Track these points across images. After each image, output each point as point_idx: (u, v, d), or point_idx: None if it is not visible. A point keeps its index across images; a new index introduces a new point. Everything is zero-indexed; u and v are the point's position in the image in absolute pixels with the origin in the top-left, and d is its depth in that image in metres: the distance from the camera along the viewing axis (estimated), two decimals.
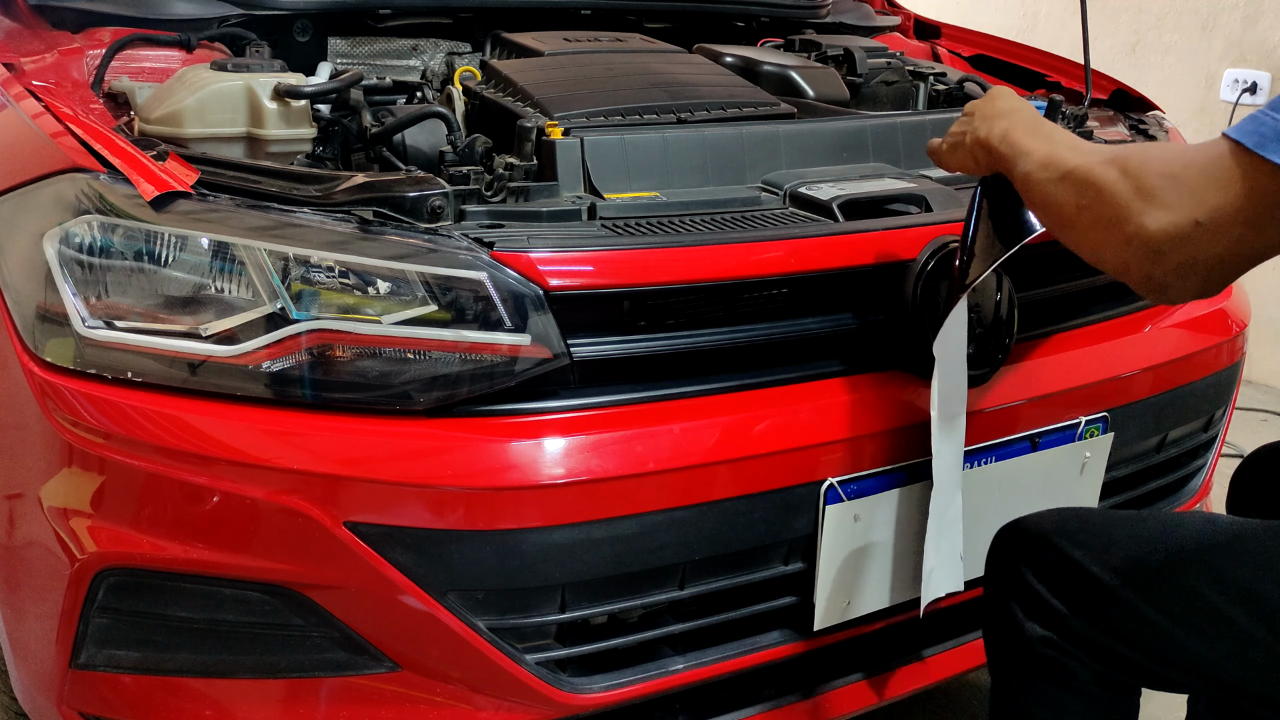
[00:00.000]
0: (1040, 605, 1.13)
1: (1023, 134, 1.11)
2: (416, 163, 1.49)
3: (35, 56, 1.59)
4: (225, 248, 1.14)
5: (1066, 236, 1.02)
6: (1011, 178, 1.11)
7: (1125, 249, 0.93)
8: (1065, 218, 1.01)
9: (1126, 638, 1.08)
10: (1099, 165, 0.96)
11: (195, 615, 1.15)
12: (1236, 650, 1.02)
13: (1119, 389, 1.51)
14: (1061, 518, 1.17)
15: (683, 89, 1.61)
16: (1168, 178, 0.90)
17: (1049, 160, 1.04)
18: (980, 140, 1.17)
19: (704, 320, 1.26)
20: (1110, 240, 0.95)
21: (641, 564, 1.20)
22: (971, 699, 1.91)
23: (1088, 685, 1.12)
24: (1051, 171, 1.03)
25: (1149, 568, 1.06)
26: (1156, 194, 0.90)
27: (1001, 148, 1.12)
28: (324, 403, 1.13)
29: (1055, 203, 1.02)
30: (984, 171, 1.21)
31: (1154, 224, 0.90)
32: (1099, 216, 0.96)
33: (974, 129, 1.18)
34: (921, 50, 2.36)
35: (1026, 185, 1.07)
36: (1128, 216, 0.92)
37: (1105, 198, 0.95)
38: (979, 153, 1.18)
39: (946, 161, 1.26)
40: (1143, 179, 0.92)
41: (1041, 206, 1.06)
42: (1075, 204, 0.99)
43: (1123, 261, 0.94)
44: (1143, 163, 0.93)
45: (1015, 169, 1.09)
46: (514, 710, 1.20)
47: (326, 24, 1.91)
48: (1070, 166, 1.00)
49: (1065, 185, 1.00)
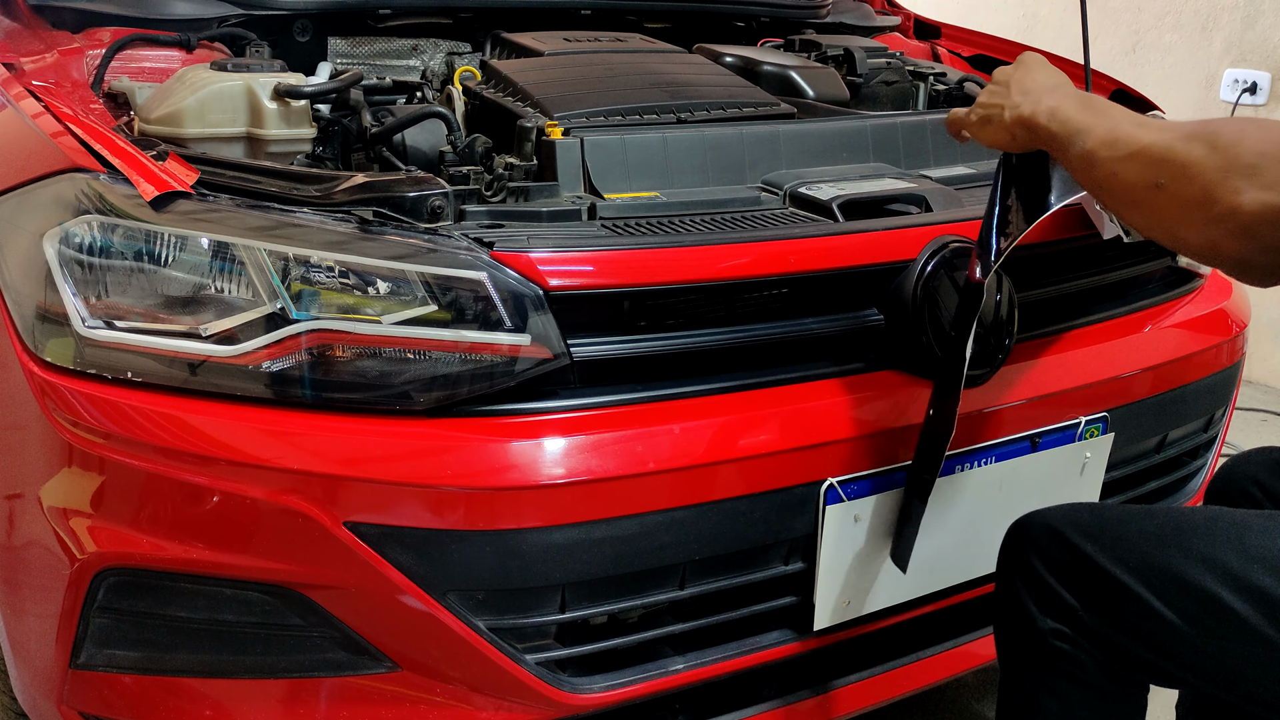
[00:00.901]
0: (1052, 598, 1.13)
1: (1076, 110, 1.06)
2: (416, 163, 1.49)
3: (35, 56, 1.59)
4: (225, 248, 1.14)
5: (1135, 216, 0.99)
6: (1063, 157, 1.07)
7: (1213, 227, 0.90)
8: (1135, 197, 0.97)
9: (1137, 633, 1.07)
10: (1179, 141, 0.93)
11: (195, 615, 1.15)
12: (1250, 653, 1.01)
13: (1119, 389, 1.51)
14: (1075, 511, 1.17)
15: (683, 89, 1.61)
16: (1267, 156, 0.87)
17: (1113, 137, 1.00)
18: (1023, 118, 1.11)
19: (704, 320, 1.26)
20: (1194, 219, 0.91)
21: (641, 564, 1.20)
22: (971, 699, 1.91)
23: (1097, 679, 1.13)
24: (1119, 149, 0.99)
25: (1161, 564, 1.06)
26: (1256, 173, 0.87)
27: (1052, 125, 1.07)
28: (324, 403, 1.13)
29: (1124, 182, 0.98)
30: (1021, 149, 1.16)
31: (1252, 203, 0.87)
32: (1180, 195, 0.92)
33: (1014, 104, 1.13)
34: (921, 50, 2.36)
35: (1089, 164, 1.02)
36: (1218, 195, 0.88)
37: (1191, 175, 0.91)
38: (1019, 130, 1.13)
39: (977, 134, 1.20)
40: (1238, 156, 0.88)
41: (1105, 186, 1.01)
42: (1151, 182, 0.95)
43: (1209, 241, 0.91)
44: (1236, 139, 0.89)
45: (1071, 148, 1.05)
46: (514, 710, 1.20)
47: (326, 24, 1.91)
48: (1144, 143, 0.96)
49: (1137, 163, 0.97)
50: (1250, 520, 1.07)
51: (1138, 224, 1.00)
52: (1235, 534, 1.05)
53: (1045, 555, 1.14)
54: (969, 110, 1.21)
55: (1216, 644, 1.03)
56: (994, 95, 1.18)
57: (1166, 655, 1.07)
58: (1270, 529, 1.05)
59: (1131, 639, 1.08)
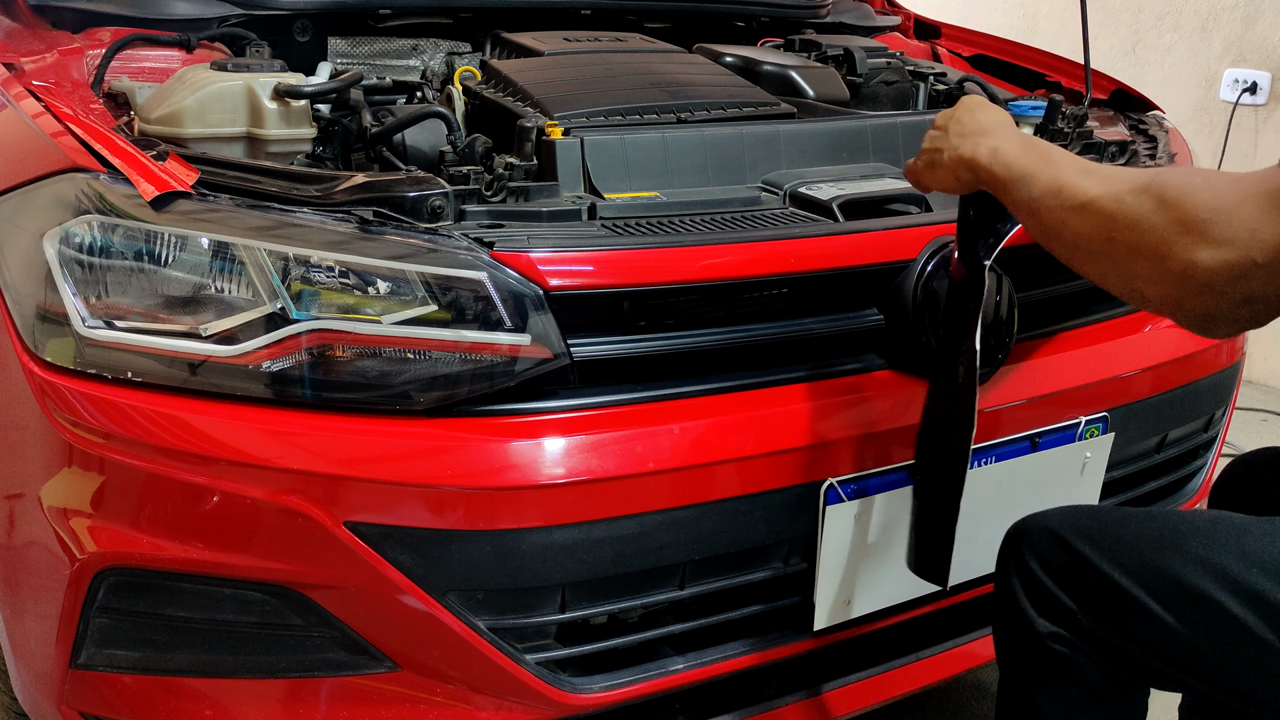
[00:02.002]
0: (1050, 601, 1.13)
1: (1018, 153, 1.03)
2: (416, 163, 1.49)
3: (35, 56, 1.59)
4: (225, 248, 1.14)
5: (1088, 267, 0.96)
6: (1008, 200, 1.05)
7: (1172, 284, 0.87)
8: (1087, 249, 0.94)
9: (1136, 637, 1.07)
10: (1128, 195, 0.90)
11: (195, 615, 1.15)
12: (1246, 656, 1.01)
13: (1119, 389, 1.51)
14: (1073, 514, 1.16)
15: (683, 89, 1.61)
16: (1218, 211, 0.84)
17: (1058, 185, 0.97)
18: (963, 159, 1.09)
19: (704, 320, 1.26)
20: (1151, 274, 0.88)
21: (641, 564, 1.20)
22: (971, 699, 1.91)
23: (1096, 682, 1.12)
24: (1066, 199, 0.95)
25: (1160, 568, 1.06)
26: (1208, 229, 0.84)
27: (994, 167, 1.05)
28: (324, 402, 1.13)
29: (1074, 233, 0.95)
30: (967, 190, 1.14)
31: (1209, 260, 0.84)
32: (1134, 250, 0.89)
33: (953, 146, 1.12)
34: (921, 50, 2.36)
35: (1034, 211, 1.00)
36: (1172, 252, 0.86)
37: (1143, 230, 0.88)
38: (961, 172, 1.11)
39: (925, 181, 1.19)
40: (1187, 211, 0.85)
41: (1054, 235, 0.98)
42: (1103, 235, 0.92)
43: (1168, 296, 0.88)
44: (1182, 193, 0.86)
45: (1014, 192, 1.02)
46: (514, 710, 1.20)
47: (326, 24, 1.91)
48: (1092, 195, 0.93)
49: (1086, 216, 0.93)
50: (1249, 524, 1.07)
51: (1091, 275, 0.96)
52: (1234, 538, 1.05)
53: (1043, 558, 1.14)
54: (917, 158, 1.20)
55: (1215, 647, 1.03)
56: (934, 140, 1.16)
57: (1165, 658, 1.07)
58: (1269, 533, 1.04)
59: (1130, 642, 1.08)
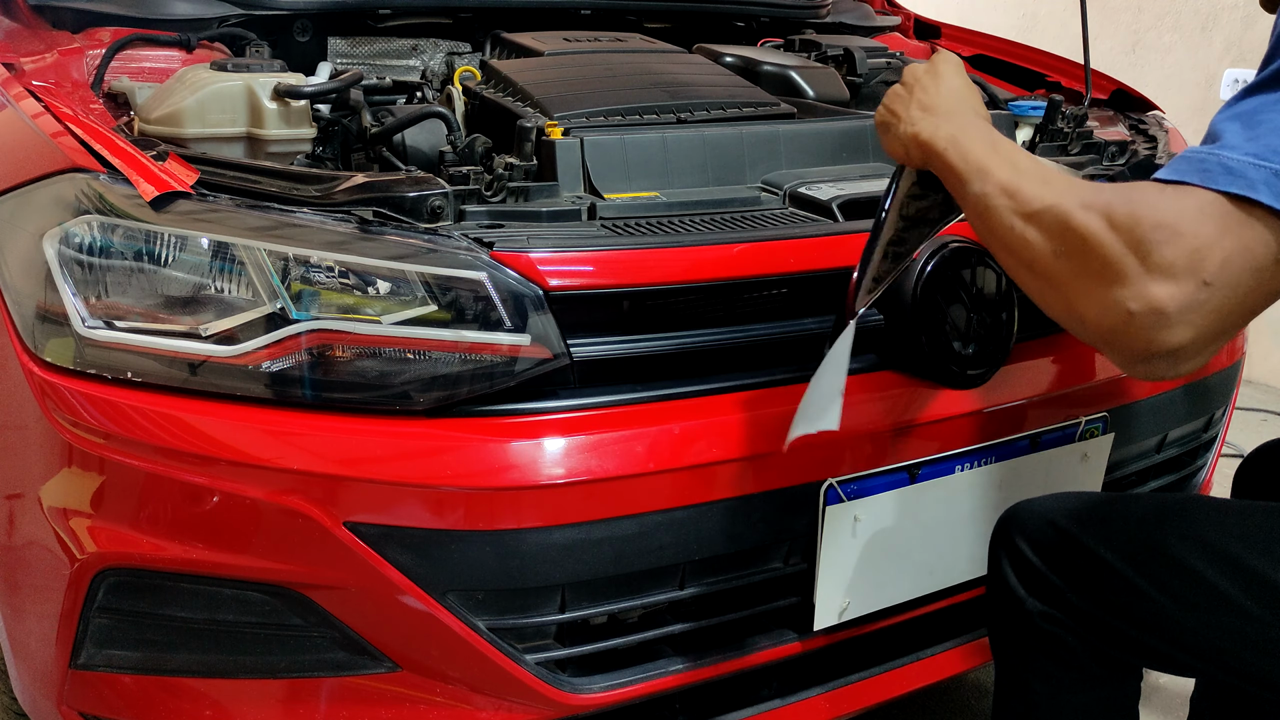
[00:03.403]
0: (1041, 581, 1.14)
1: (977, 145, 0.97)
2: (416, 163, 1.49)
3: (35, 56, 1.59)
4: (225, 248, 1.14)
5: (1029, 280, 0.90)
6: (957, 192, 0.99)
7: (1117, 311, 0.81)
8: (1032, 261, 0.88)
9: (1125, 614, 1.09)
10: (1079, 211, 0.84)
11: (195, 615, 1.15)
12: (1233, 627, 1.03)
13: (1119, 389, 1.51)
14: (1062, 498, 1.19)
15: (683, 89, 1.61)
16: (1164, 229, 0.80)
17: (1015, 188, 0.90)
18: (920, 139, 1.03)
19: (704, 320, 1.26)
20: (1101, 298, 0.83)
21: (641, 564, 1.20)
22: (971, 698, 1.91)
23: (1086, 662, 1.14)
24: (1017, 204, 0.89)
25: (1146, 544, 1.08)
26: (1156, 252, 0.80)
27: (949, 155, 0.99)
28: (324, 403, 1.13)
29: (1020, 240, 0.89)
30: (914, 166, 1.08)
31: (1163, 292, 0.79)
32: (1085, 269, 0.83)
33: (911, 120, 1.05)
34: (921, 50, 2.36)
35: (984, 209, 0.93)
36: (1125, 278, 0.81)
37: (1092, 251, 0.83)
38: (914, 149, 1.05)
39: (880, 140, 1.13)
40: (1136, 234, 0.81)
41: (999, 239, 0.92)
42: (1049, 249, 0.86)
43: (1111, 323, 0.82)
44: (1131, 213, 0.82)
45: (967, 185, 0.96)
46: (514, 710, 1.20)
47: (326, 24, 1.91)
48: (1043, 205, 0.87)
49: (1036, 225, 0.87)
50: (1233, 504, 1.10)
51: (1030, 289, 0.90)
52: (1217, 514, 1.07)
53: (1032, 539, 1.16)
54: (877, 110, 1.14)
55: (1199, 619, 1.04)
56: (896, 100, 1.10)
57: (1152, 632, 1.08)
58: (1250, 509, 1.07)
59: (1118, 618, 1.09)
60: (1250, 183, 0.80)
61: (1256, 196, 0.79)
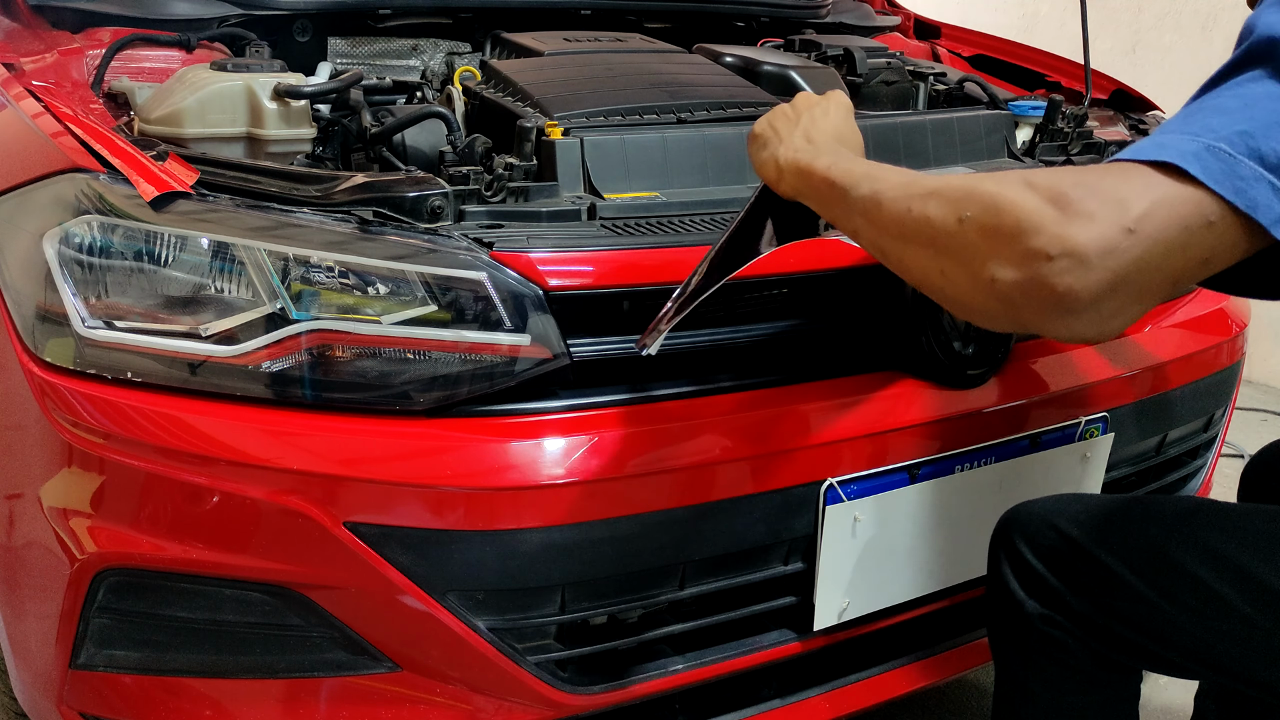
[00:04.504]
0: (1041, 584, 1.14)
1: (859, 163, 0.96)
2: (416, 163, 1.49)
3: (35, 56, 1.59)
4: (225, 248, 1.14)
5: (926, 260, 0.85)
6: (839, 204, 0.95)
7: (1033, 261, 0.77)
8: (933, 236, 0.84)
9: (1124, 617, 1.09)
10: (986, 181, 0.82)
11: (195, 615, 1.15)
12: (1232, 632, 1.03)
13: (1119, 389, 1.51)
14: (1061, 501, 1.19)
15: (683, 89, 1.61)
16: (1085, 186, 0.77)
17: (910, 179, 0.89)
18: (798, 165, 1.01)
19: (703, 320, 1.26)
20: (1013, 251, 0.78)
21: (641, 564, 1.20)
22: (971, 698, 1.91)
23: (1085, 664, 1.14)
24: (913, 190, 0.87)
25: (1147, 547, 1.08)
26: (1077, 202, 0.76)
27: (832, 173, 0.97)
28: (324, 403, 1.13)
29: (919, 220, 0.85)
30: (782, 189, 1.06)
31: (1082, 235, 0.75)
32: (996, 228, 0.79)
33: (793, 147, 1.04)
34: (921, 50, 2.36)
35: (870, 206, 0.90)
36: (1041, 227, 0.76)
37: (1004, 209, 0.79)
38: (789, 175, 1.03)
39: (750, 156, 1.11)
40: (1056, 190, 0.77)
41: (893, 228, 0.88)
42: (953, 217, 0.82)
43: (1030, 274, 0.77)
44: (1048, 176, 0.79)
45: (854, 190, 0.93)
46: (514, 710, 1.20)
47: (326, 24, 1.91)
48: (943, 183, 0.85)
49: (937, 200, 0.84)
50: (1235, 508, 1.09)
51: (928, 271, 0.85)
52: (1219, 518, 1.07)
53: (1032, 541, 1.16)
54: (755, 125, 1.12)
55: (1197, 622, 1.04)
56: (781, 120, 1.09)
57: (1151, 636, 1.08)
58: (1251, 513, 1.07)
59: (1116, 621, 1.09)
60: (1181, 154, 0.77)
61: (1185, 166, 0.77)
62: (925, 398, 1.33)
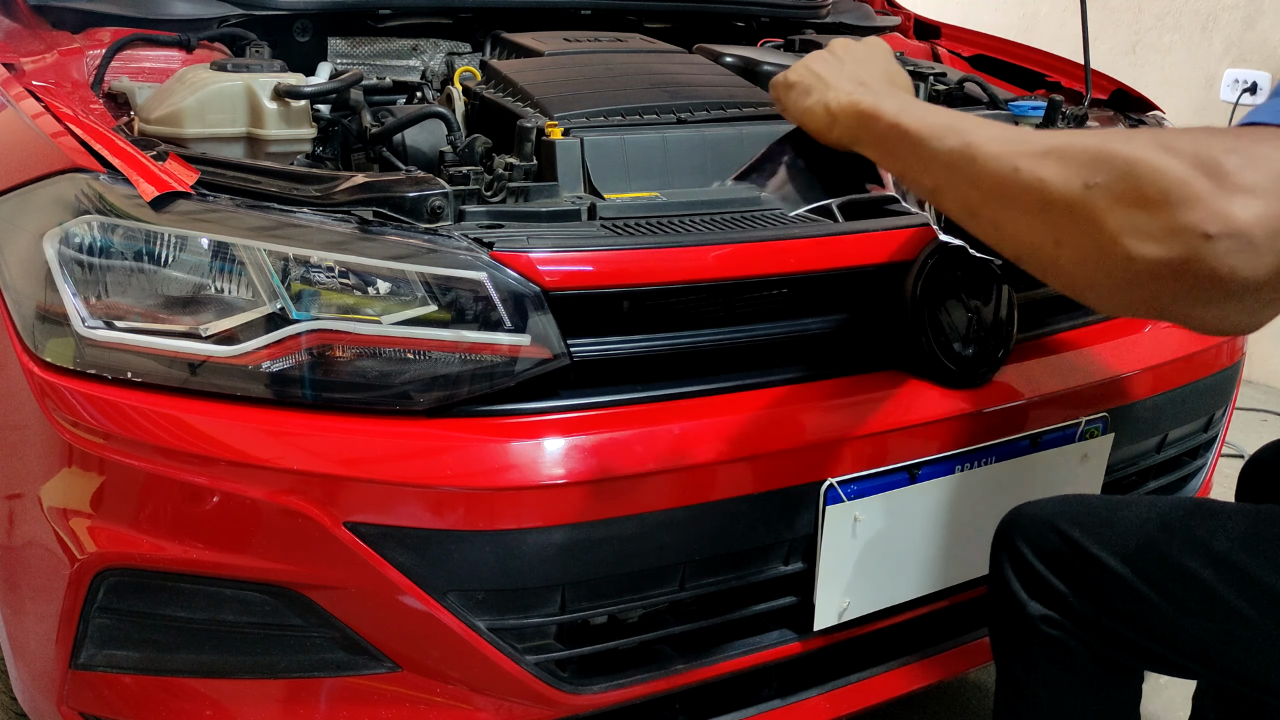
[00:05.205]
0: (1043, 586, 1.14)
1: (934, 111, 0.86)
2: (416, 163, 1.49)
3: (35, 56, 1.59)
4: (225, 248, 1.14)
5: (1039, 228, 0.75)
6: (912, 157, 0.86)
7: (1186, 239, 0.67)
8: (1048, 202, 0.74)
9: (1127, 618, 1.09)
10: (1116, 142, 0.72)
11: (195, 616, 1.15)
12: (1234, 633, 1.03)
13: (1119, 389, 1.51)
14: (1063, 502, 1.18)
15: (683, 89, 1.61)
16: (1240, 153, 0.68)
17: (1007, 135, 0.78)
18: (859, 107, 0.91)
19: (704, 320, 1.26)
20: (1160, 225, 0.68)
21: (641, 564, 1.20)
22: (971, 699, 1.91)
23: (1088, 666, 1.14)
24: (1020, 146, 0.76)
25: (1148, 548, 1.07)
26: (1236, 173, 0.67)
27: (904, 119, 0.86)
28: (324, 403, 1.13)
29: (1029, 182, 0.75)
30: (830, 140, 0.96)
31: (1247, 212, 0.66)
32: (1134, 197, 0.69)
33: (845, 90, 0.94)
34: (921, 50, 2.36)
35: (962, 161, 0.80)
36: (1196, 199, 0.67)
37: (1145, 175, 0.69)
38: (846, 119, 0.93)
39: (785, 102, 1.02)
40: (1205, 155, 0.68)
41: (992, 188, 0.78)
42: (1078, 182, 0.72)
43: (1180, 254, 0.67)
44: (1191, 140, 0.69)
45: (932, 144, 0.83)
46: (514, 710, 1.20)
47: (326, 24, 1.90)
48: (1061, 141, 0.75)
49: (1054, 160, 0.74)
50: (1236, 508, 1.09)
51: (1039, 241, 0.75)
52: (1220, 519, 1.07)
53: (1034, 543, 1.16)
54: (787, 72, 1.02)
55: (1198, 623, 1.04)
56: (821, 64, 0.99)
57: (1153, 637, 1.08)
58: (1253, 514, 1.06)
59: (1118, 622, 1.09)
60: None
61: None
62: (925, 398, 1.33)
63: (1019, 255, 0.78)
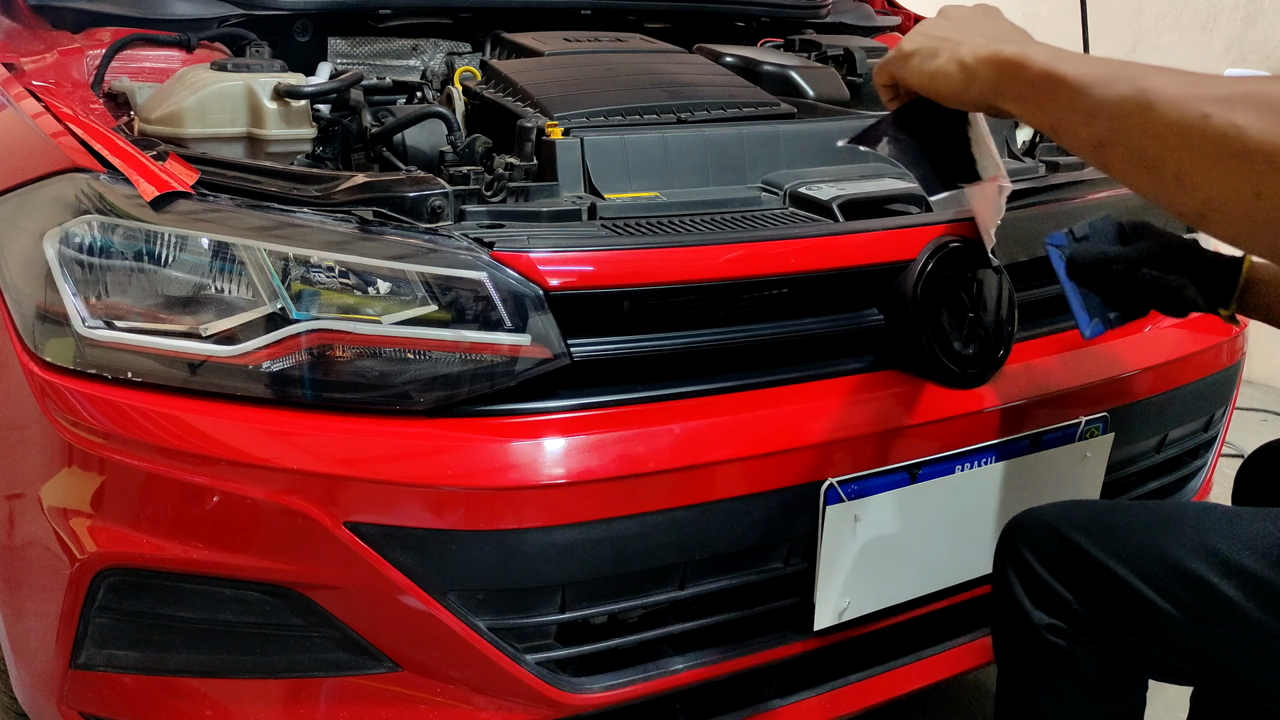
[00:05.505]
0: (1047, 593, 1.13)
1: (1088, 58, 0.80)
2: (416, 163, 1.49)
3: (35, 56, 1.59)
4: (225, 248, 1.14)
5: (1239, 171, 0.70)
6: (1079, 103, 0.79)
7: None
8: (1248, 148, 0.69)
9: (1132, 625, 1.08)
10: None
11: (195, 615, 1.15)
12: (1242, 638, 1.02)
13: (1119, 389, 1.50)
14: (1067, 508, 1.18)
15: (683, 89, 1.61)
16: None
17: (1194, 79, 0.73)
18: (1001, 57, 0.85)
19: (704, 320, 1.26)
20: None
21: (642, 564, 1.20)
22: (971, 699, 1.91)
23: (1093, 675, 1.13)
24: (1211, 90, 0.71)
25: (1152, 552, 1.06)
26: None
27: (1058, 66, 0.81)
28: (324, 403, 1.13)
29: (1223, 128, 0.70)
30: (967, 99, 0.91)
31: None
32: None
33: (981, 45, 0.89)
34: None
35: (1136, 108, 0.75)
36: None
37: None
38: (985, 70, 0.87)
39: (907, 71, 0.97)
40: None
41: (1177, 134, 0.72)
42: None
43: None
44: None
45: (1096, 91, 0.78)
46: (514, 710, 1.20)
47: (326, 24, 1.91)
48: (1250, 86, 0.70)
49: (1254, 108, 0.69)
50: (1241, 511, 1.08)
51: (1224, 185, 0.71)
52: (1225, 522, 1.06)
53: (1039, 550, 1.15)
54: (900, 44, 0.98)
55: (1207, 629, 1.03)
56: (940, 28, 0.95)
57: (1160, 644, 1.07)
58: (1260, 516, 1.05)
59: (1125, 629, 1.08)
60: None
61: None
62: (925, 397, 1.33)
63: (1204, 210, 0.73)
